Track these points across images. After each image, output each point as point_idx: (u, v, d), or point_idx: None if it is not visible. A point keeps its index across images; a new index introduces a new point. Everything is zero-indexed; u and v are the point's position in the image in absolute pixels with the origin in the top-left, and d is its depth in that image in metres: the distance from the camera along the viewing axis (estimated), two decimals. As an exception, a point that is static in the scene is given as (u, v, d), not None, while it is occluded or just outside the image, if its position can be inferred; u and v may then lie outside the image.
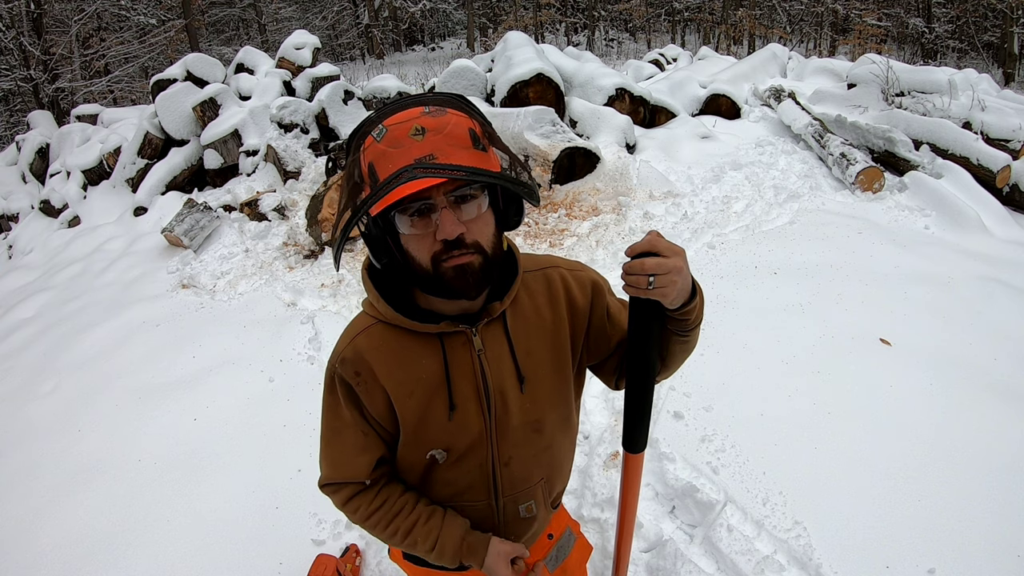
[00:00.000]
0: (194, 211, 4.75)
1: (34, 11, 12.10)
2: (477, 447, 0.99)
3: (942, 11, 19.01)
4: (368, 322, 0.96)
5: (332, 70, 6.48)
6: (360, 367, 0.94)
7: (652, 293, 0.83)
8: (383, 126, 0.80)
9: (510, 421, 0.99)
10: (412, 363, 0.94)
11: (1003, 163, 4.34)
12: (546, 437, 1.05)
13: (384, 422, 0.98)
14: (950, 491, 2.04)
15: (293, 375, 3.07)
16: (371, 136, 0.81)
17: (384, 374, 0.94)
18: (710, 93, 6.20)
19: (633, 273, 0.82)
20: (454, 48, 22.51)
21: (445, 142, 0.79)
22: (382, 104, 0.82)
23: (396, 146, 0.79)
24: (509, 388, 0.98)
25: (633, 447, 1.06)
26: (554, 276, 1.02)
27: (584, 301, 1.02)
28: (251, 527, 2.23)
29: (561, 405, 1.05)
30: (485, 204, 0.85)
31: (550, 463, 1.10)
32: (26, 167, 7.53)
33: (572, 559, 1.29)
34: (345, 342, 0.96)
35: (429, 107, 0.81)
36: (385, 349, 0.94)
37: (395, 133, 0.79)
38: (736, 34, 19.37)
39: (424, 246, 0.84)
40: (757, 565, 1.85)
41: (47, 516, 2.44)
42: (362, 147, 0.83)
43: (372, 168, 0.81)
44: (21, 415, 3.14)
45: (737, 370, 2.69)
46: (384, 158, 0.80)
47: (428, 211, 0.82)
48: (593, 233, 4.19)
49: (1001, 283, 3.24)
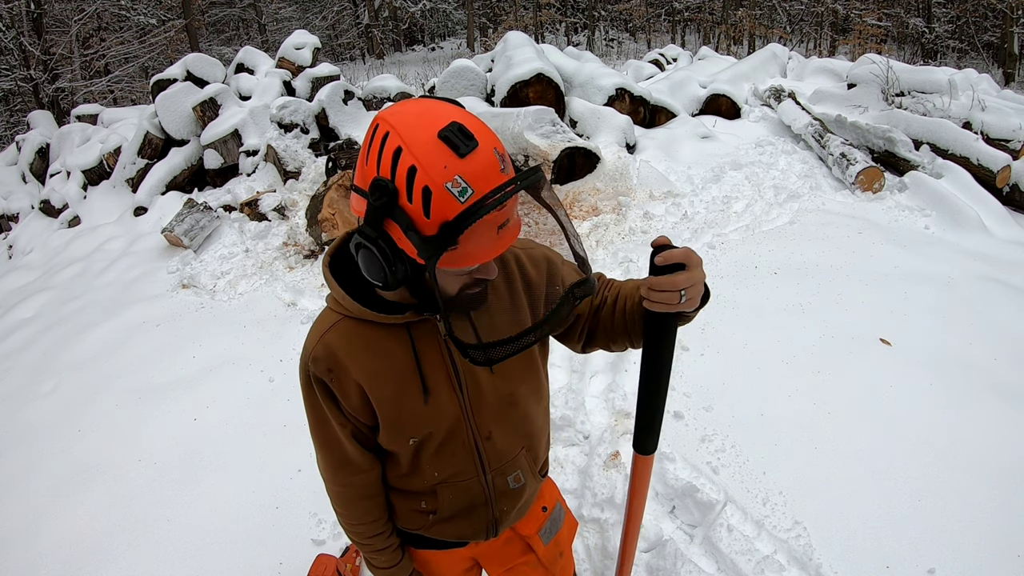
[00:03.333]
0: (194, 211, 4.75)
1: (34, 11, 12.09)
2: (456, 428, 1.02)
3: (942, 11, 19.00)
4: (334, 318, 0.97)
5: (332, 70, 6.48)
6: (332, 364, 0.95)
7: (683, 306, 0.85)
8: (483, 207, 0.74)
9: (484, 399, 1.03)
10: (382, 355, 0.96)
11: (1003, 163, 4.34)
12: (521, 409, 1.09)
13: (361, 415, 1.00)
14: (950, 491, 2.04)
15: (293, 375, 3.05)
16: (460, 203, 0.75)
17: (356, 368, 0.95)
18: (710, 93, 6.20)
19: (664, 290, 0.84)
20: (454, 48, 22.50)
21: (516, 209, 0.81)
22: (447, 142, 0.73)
23: (489, 226, 0.77)
24: (478, 369, 1.00)
25: (644, 449, 1.09)
26: (507, 256, 1.03)
27: (538, 276, 1.04)
28: (251, 527, 2.23)
29: (530, 378, 1.09)
30: None
31: (528, 432, 1.13)
32: (26, 167, 7.53)
33: (563, 533, 1.34)
34: (314, 340, 0.97)
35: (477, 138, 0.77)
36: (354, 343, 0.95)
37: (481, 170, 0.75)
38: (736, 34, 19.37)
39: (460, 281, 0.86)
40: (757, 565, 1.85)
41: (47, 516, 2.44)
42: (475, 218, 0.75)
43: (458, 227, 0.73)
44: (21, 415, 3.14)
45: (737, 370, 2.69)
46: (476, 229, 0.75)
47: None
48: (593, 233, 4.19)
49: (1001, 283, 3.24)
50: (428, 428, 1.01)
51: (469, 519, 1.13)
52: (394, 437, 1.02)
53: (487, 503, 1.12)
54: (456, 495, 1.09)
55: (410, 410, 0.99)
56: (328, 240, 4.31)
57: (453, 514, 1.12)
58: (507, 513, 1.15)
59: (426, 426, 1.00)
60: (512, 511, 1.16)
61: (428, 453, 1.04)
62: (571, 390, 2.72)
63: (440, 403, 1.00)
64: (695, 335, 2.94)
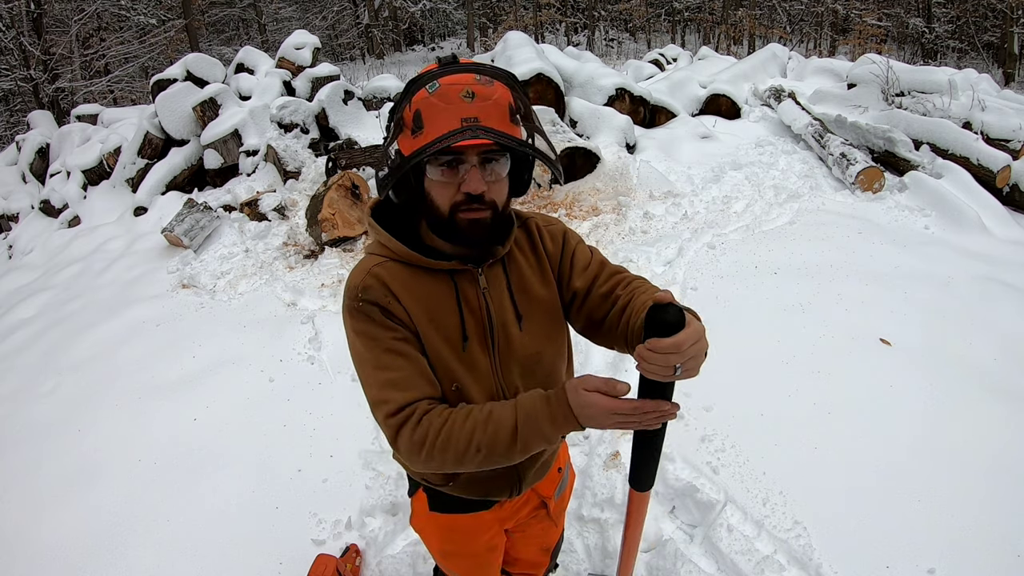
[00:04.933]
0: (194, 211, 4.75)
1: (34, 11, 12.09)
2: (485, 379, 1.05)
3: (942, 11, 19.01)
4: (380, 259, 1.01)
5: (332, 70, 6.48)
6: (385, 290, 0.98)
7: (678, 378, 0.84)
8: (437, 82, 0.89)
9: (513, 355, 1.06)
10: (427, 296, 1.00)
11: (1003, 163, 4.34)
12: (546, 366, 1.12)
13: (416, 342, 1.00)
14: (950, 491, 2.04)
15: (293, 375, 3.07)
16: (424, 88, 0.90)
17: (407, 300, 0.98)
18: (710, 93, 6.20)
19: (653, 363, 0.81)
20: (454, 48, 22.48)
21: (490, 108, 0.89)
22: (438, 62, 0.93)
23: (446, 102, 0.88)
24: (510, 324, 1.06)
25: (640, 486, 1.12)
26: (532, 226, 1.13)
27: (555, 249, 1.13)
28: (251, 527, 2.23)
29: (557, 339, 1.13)
30: (507, 169, 0.96)
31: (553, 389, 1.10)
32: (26, 167, 7.53)
33: (568, 487, 1.42)
34: (362, 275, 0.99)
35: (481, 75, 0.91)
36: (402, 281, 0.99)
37: (447, 91, 0.88)
38: (736, 34, 19.37)
39: (447, 194, 0.94)
40: (757, 565, 1.85)
41: (47, 516, 2.44)
42: (413, 95, 0.91)
43: (418, 115, 0.90)
44: (21, 415, 3.14)
45: (737, 370, 2.68)
46: (432, 109, 0.89)
47: (457, 164, 0.92)
48: (593, 233, 4.19)
49: (1001, 283, 3.24)
50: (464, 377, 1.03)
51: (493, 476, 1.13)
52: (439, 380, 1.02)
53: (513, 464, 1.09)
54: None
55: (449, 354, 1.01)
56: (329, 240, 4.31)
57: (476, 472, 1.06)
58: (528, 470, 1.17)
59: (462, 374, 1.03)
60: (533, 469, 1.18)
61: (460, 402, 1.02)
62: (571, 390, 2.72)
63: (473, 353, 1.03)
64: (695, 335, 2.94)
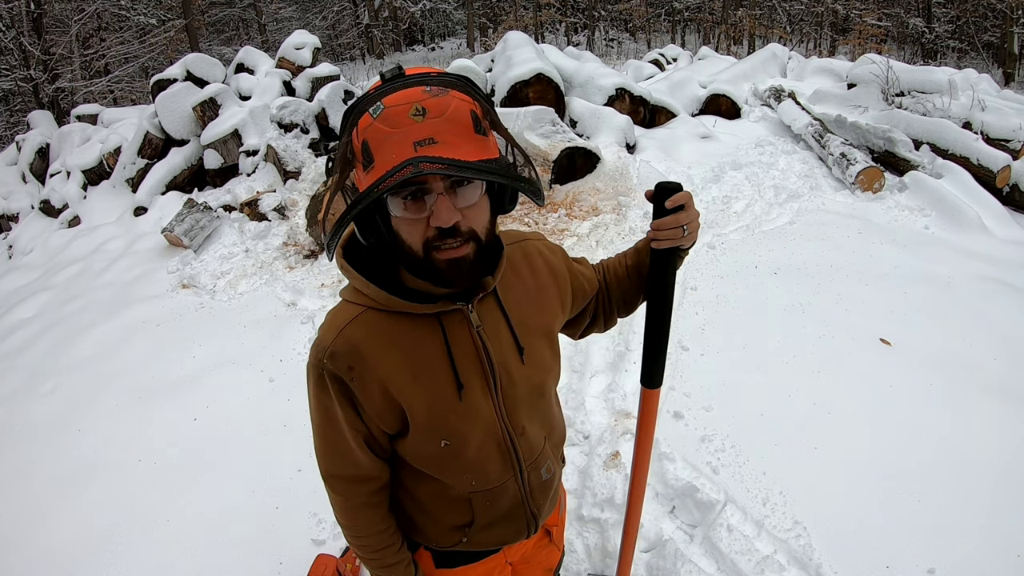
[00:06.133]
0: (194, 211, 4.75)
1: (34, 11, 12.08)
2: (488, 425, 0.96)
3: (942, 11, 19.00)
4: (355, 310, 0.89)
5: (332, 70, 6.48)
6: (353, 360, 0.87)
7: (685, 240, 0.98)
8: (381, 104, 0.75)
9: (517, 391, 0.98)
10: (411, 347, 0.89)
11: (1003, 163, 4.34)
12: (547, 395, 1.08)
13: (383, 419, 0.92)
14: (950, 491, 2.04)
15: (293, 375, 3.07)
16: (367, 113, 0.76)
17: (382, 364, 0.88)
18: (710, 93, 6.20)
19: (668, 227, 0.97)
20: (454, 48, 22.49)
21: (445, 126, 0.75)
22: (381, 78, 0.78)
23: (394, 126, 0.74)
24: (511, 360, 0.96)
25: (651, 383, 1.17)
26: (530, 248, 1.05)
27: (561, 265, 1.08)
28: (251, 527, 2.23)
29: (556, 363, 1.08)
30: (481, 190, 0.82)
31: (551, 420, 1.12)
32: (26, 167, 7.52)
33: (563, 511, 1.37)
34: (332, 334, 0.88)
35: (431, 87, 0.76)
36: (380, 337, 0.88)
37: (393, 113, 0.74)
38: (736, 34, 19.37)
39: (417, 231, 0.80)
40: (757, 565, 1.85)
41: (47, 516, 2.44)
42: (356, 125, 0.78)
43: (366, 146, 0.76)
44: (21, 415, 3.14)
45: (737, 370, 2.69)
46: (380, 138, 0.75)
47: (422, 195, 0.78)
48: (593, 233, 4.19)
49: (1001, 283, 3.24)
50: (462, 428, 0.94)
51: (509, 521, 1.07)
52: (426, 440, 0.94)
53: (523, 501, 1.07)
54: (493, 500, 1.03)
55: (443, 408, 0.92)
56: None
57: (492, 520, 1.05)
58: (542, 506, 1.11)
59: (460, 425, 0.93)
60: (546, 503, 1.13)
61: (462, 458, 0.96)
62: (571, 390, 2.72)
63: (473, 399, 0.93)
64: (695, 335, 2.94)
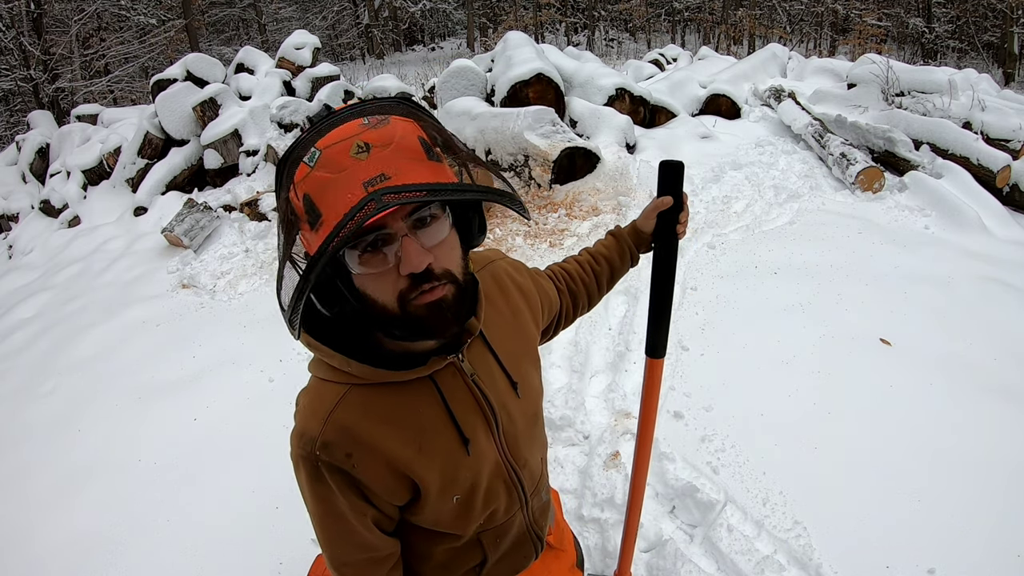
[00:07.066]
0: (194, 211, 4.75)
1: (34, 11, 12.09)
2: (494, 467, 0.94)
3: (942, 11, 19.00)
4: (337, 390, 0.82)
5: (332, 70, 6.49)
6: (351, 447, 0.79)
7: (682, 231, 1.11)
8: (315, 148, 0.66)
9: (517, 428, 0.96)
10: (409, 418, 0.83)
11: (1003, 163, 4.34)
12: (540, 417, 1.06)
13: (394, 496, 0.86)
14: (950, 491, 2.04)
15: (293, 375, 3.07)
16: (303, 163, 0.67)
17: (382, 443, 0.81)
18: (710, 93, 6.20)
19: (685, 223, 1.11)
20: (454, 48, 22.49)
21: (394, 157, 0.65)
22: (309, 121, 0.63)
23: (337, 170, 0.64)
24: (508, 398, 0.93)
25: (655, 352, 1.21)
26: (497, 270, 1.00)
27: (528, 282, 1.05)
28: (251, 527, 2.23)
29: (540, 381, 1.05)
30: (448, 224, 0.73)
31: (543, 438, 1.11)
32: (26, 167, 7.53)
33: (557, 510, 1.38)
34: (318, 422, 0.80)
35: (368, 118, 0.68)
36: (374, 415, 0.81)
37: (332, 154, 0.65)
38: (736, 34, 19.37)
39: (386, 285, 0.71)
40: (757, 565, 1.85)
41: (46, 516, 2.44)
42: (293, 179, 0.68)
43: (309, 201, 0.66)
44: (21, 415, 3.14)
45: (737, 370, 2.69)
46: (323, 187, 0.65)
47: (383, 243, 0.69)
48: (593, 233, 4.19)
49: (1001, 283, 3.23)
50: (472, 479, 0.90)
51: (518, 548, 1.08)
52: (439, 503, 0.89)
53: (528, 528, 1.08)
54: (501, 535, 1.03)
55: (453, 468, 0.87)
56: None
57: (502, 554, 1.06)
58: (544, 526, 1.14)
59: (469, 478, 0.89)
60: (546, 523, 1.16)
61: (472, 507, 0.94)
62: (571, 390, 2.72)
63: (479, 447, 0.89)
64: (695, 335, 2.94)
